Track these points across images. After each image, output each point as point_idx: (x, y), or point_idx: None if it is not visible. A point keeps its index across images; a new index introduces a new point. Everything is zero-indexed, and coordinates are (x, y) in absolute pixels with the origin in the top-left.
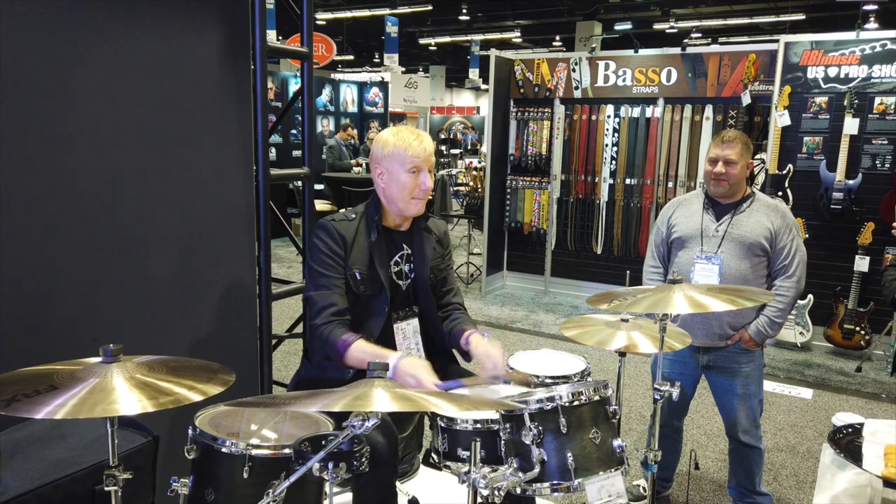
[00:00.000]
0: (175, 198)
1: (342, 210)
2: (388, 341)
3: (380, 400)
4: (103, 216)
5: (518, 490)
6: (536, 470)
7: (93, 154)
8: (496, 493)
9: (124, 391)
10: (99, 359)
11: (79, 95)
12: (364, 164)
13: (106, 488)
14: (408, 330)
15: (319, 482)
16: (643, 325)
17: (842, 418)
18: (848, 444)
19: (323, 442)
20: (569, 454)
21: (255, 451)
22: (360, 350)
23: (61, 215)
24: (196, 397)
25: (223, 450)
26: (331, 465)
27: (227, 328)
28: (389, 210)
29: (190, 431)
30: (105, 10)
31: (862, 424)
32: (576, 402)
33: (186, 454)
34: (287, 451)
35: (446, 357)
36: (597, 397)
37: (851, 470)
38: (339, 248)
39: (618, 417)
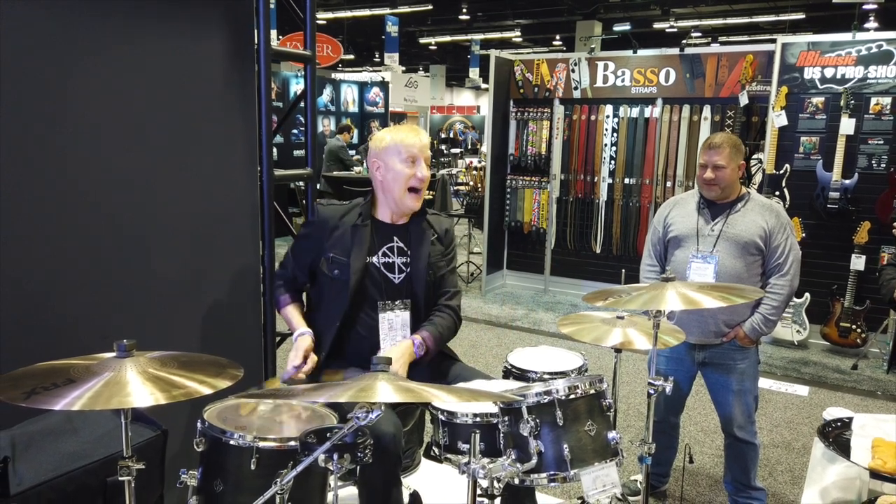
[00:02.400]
0: (181, 198)
1: None
2: (365, 324)
3: (383, 392)
4: (111, 216)
5: (516, 481)
6: (534, 461)
7: (100, 155)
8: (495, 483)
9: (137, 384)
10: (113, 354)
11: (83, 96)
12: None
13: (120, 478)
14: (395, 322)
15: (324, 474)
16: (638, 321)
17: (832, 412)
18: (837, 437)
19: (328, 434)
20: (565, 446)
21: (262, 444)
22: (285, 312)
23: (69, 216)
24: (206, 391)
25: (231, 442)
26: (335, 457)
27: (232, 326)
28: (386, 203)
29: (199, 425)
30: (109, 12)
31: (851, 418)
32: (572, 396)
33: (195, 447)
34: (293, 443)
35: (441, 353)
36: (592, 391)
37: (841, 463)
38: (317, 232)
39: (613, 411)
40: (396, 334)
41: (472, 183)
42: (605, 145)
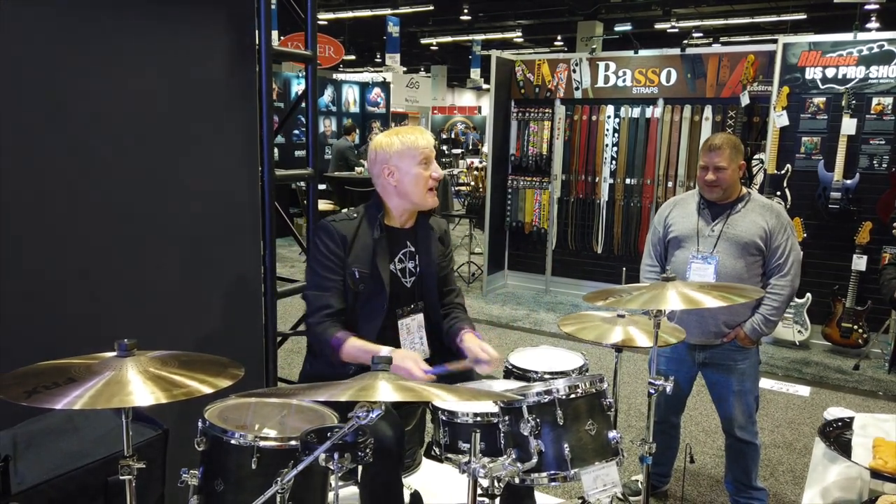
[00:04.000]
0: (182, 198)
1: (344, 210)
2: (390, 337)
3: (383, 391)
4: (112, 216)
5: (517, 480)
6: (534, 460)
7: (101, 155)
8: (495, 482)
9: (138, 384)
10: (114, 353)
11: (84, 97)
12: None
13: (121, 477)
14: (412, 325)
15: (325, 473)
16: (639, 321)
17: (833, 413)
18: (838, 437)
19: (329, 433)
20: (565, 445)
21: (262, 443)
22: (354, 346)
23: (70, 215)
24: (207, 390)
25: (232, 441)
26: (336, 456)
27: (233, 326)
28: (401, 207)
29: (200, 424)
30: (112, 13)
31: (852, 418)
32: (572, 395)
33: (196, 446)
34: (294, 442)
35: (447, 353)
36: (593, 390)
37: (842, 463)
38: (339, 249)
39: (613, 410)
40: (414, 337)
41: (473, 183)
42: (607, 145)
